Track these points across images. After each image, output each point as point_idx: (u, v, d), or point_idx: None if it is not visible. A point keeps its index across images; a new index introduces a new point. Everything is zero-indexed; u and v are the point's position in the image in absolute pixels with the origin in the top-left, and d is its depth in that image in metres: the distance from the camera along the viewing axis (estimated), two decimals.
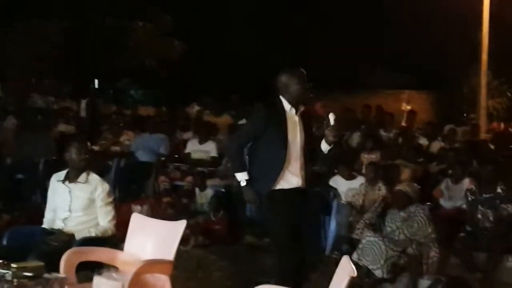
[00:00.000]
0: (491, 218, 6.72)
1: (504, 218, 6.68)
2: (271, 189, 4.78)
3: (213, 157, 10.14)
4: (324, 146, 4.87)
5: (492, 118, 19.50)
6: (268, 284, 4.81)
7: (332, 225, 7.68)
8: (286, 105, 4.87)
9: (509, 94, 23.16)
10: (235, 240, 8.25)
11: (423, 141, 11.07)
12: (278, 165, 4.77)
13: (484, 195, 6.83)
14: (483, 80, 20.01)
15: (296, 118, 4.89)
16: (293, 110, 4.87)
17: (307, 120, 5.00)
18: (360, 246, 6.58)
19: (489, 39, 19.56)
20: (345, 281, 3.38)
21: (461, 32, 20.61)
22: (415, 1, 21.02)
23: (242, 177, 4.84)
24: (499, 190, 6.80)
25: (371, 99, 15.34)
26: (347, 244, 7.41)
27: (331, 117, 4.78)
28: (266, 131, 4.80)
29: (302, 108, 4.94)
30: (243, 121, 12.47)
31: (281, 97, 4.89)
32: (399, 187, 6.73)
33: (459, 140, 11.09)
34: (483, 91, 20.04)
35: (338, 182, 8.36)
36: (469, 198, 6.93)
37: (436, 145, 10.51)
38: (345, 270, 3.56)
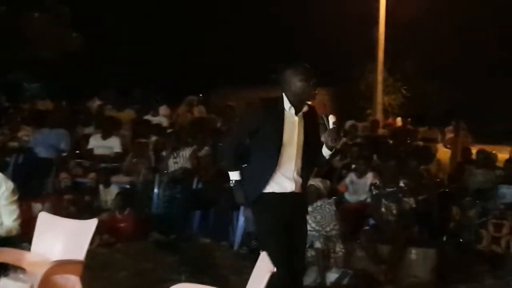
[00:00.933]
0: (394, 212, 6.93)
1: (407, 211, 6.91)
2: (261, 192, 4.40)
3: (117, 153, 9.92)
4: (325, 151, 4.44)
5: (387, 114, 20.22)
6: (179, 281, 4.74)
7: (241, 221, 7.69)
8: (286, 104, 4.42)
9: (404, 91, 24.15)
10: (142, 237, 8.11)
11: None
12: (271, 167, 4.38)
13: (387, 189, 7.04)
14: (379, 77, 20.74)
15: (296, 119, 4.42)
16: (293, 110, 4.40)
17: (311, 121, 4.52)
18: None
19: (385, 38, 20.28)
20: (266, 277, 3.37)
21: (358, 31, 21.22)
22: (315, 2, 21.48)
23: (232, 177, 4.48)
24: (401, 184, 7.02)
25: (273, 94, 15.42)
26: (256, 240, 7.42)
27: (331, 119, 4.34)
28: (261, 130, 4.39)
29: (305, 108, 4.46)
30: (148, 116, 12.30)
31: (283, 94, 4.45)
32: (312, 182, 6.80)
33: (360, 136, 11.40)
34: (379, 87, 20.77)
35: None
36: (373, 192, 7.13)
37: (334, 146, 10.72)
38: (265, 266, 3.56)
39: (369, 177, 7.85)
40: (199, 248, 7.83)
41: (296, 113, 4.43)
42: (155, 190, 8.93)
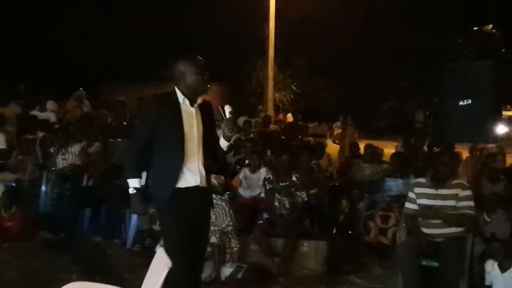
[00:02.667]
0: (287, 205, 7.04)
1: (299, 205, 7.04)
2: (176, 187, 4.28)
3: (1, 149, 9.50)
4: (223, 143, 4.45)
5: (278, 110, 20.50)
6: (70, 281, 4.61)
7: (133, 218, 7.57)
8: (180, 96, 4.34)
9: (294, 88, 24.62)
10: (30, 237, 7.82)
11: (219, 132, 11.33)
12: (178, 161, 4.28)
13: (280, 183, 7.13)
14: (270, 73, 21.02)
15: (193, 110, 4.36)
16: (187, 101, 4.33)
17: (207, 113, 4.45)
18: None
19: (275, 34, 20.57)
20: (164, 272, 3.34)
21: (249, 27, 21.43)
22: None
23: (132, 184, 4.31)
24: (294, 178, 7.14)
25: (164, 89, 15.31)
26: (150, 237, 7.35)
27: (227, 109, 4.33)
28: (160, 126, 4.28)
29: (200, 100, 4.40)
30: (35, 111, 11.85)
31: (175, 87, 4.35)
32: None
33: (252, 131, 11.52)
34: (270, 84, 21.04)
35: None
36: (267, 187, 7.20)
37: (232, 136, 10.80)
38: (162, 261, 3.52)
39: (263, 172, 7.93)
40: (90, 246, 7.67)
41: (191, 105, 4.38)
42: (43, 188, 8.66)
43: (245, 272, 6.49)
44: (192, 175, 4.34)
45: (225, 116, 4.36)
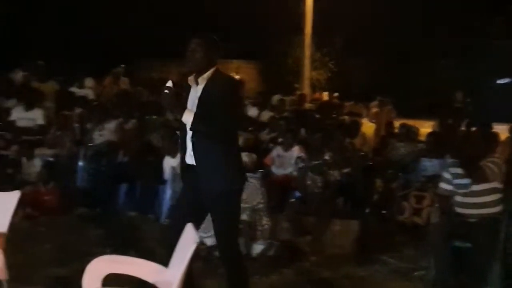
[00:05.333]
0: (319, 184, 7.04)
1: (331, 183, 7.03)
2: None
3: (40, 125, 9.67)
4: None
5: (315, 89, 20.42)
6: (105, 254, 4.69)
7: (167, 194, 7.66)
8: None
9: (331, 66, 24.40)
10: (66, 211, 7.98)
11: (252, 110, 11.35)
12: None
13: (313, 161, 7.13)
14: (307, 52, 20.89)
15: (196, 88, 4.41)
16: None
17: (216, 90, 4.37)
18: None
19: (313, 12, 20.39)
20: (191, 248, 3.39)
21: (285, 4, 21.24)
22: None
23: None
24: (326, 157, 7.14)
25: None
26: None
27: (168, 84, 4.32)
28: None
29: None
30: (73, 88, 12.00)
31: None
32: None
33: (287, 109, 11.50)
34: (307, 62, 20.93)
35: None
36: (299, 165, 7.21)
37: (266, 114, 10.82)
38: (190, 237, 3.57)
39: (296, 150, 7.93)
40: (124, 221, 7.78)
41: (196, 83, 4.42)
42: (80, 163, 8.79)
43: (276, 249, 6.52)
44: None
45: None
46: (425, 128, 11.70)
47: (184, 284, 3.40)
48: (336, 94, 16.65)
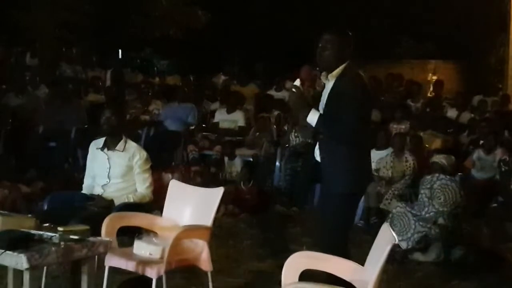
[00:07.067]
0: None
1: None
2: None
3: (240, 127, 10.16)
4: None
5: None
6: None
7: (362, 198, 7.66)
8: None
9: None
10: (264, 209, 8.29)
11: (452, 111, 10.99)
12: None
13: None
14: (511, 50, 19.75)
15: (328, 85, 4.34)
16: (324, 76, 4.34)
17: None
18: (390, 216, 6.58)
19: None
20: (387, 248, 3.38)
21: (490, 2, 20.26)
22: None
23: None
24: None
25: (397, 69, 15.18)
26: (376, 216, 7.43)
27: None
28: None
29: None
30: (271, 91, 12.39)
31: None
32: (435, 159, 6.66)
33: (488, 111, 10.99)
34: (511, 61, 19.79)
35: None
36: (503, 169, 6.88)
37: (466, 116, 10.43)
38: (386, 237, 3.57)
39: (498, 153, 7.58)
40: (319, 219, 7.88)
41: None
42: (277, 163, 9.08)
43: (477, 256, 6.26)
44: None
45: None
46: None
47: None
48: None
